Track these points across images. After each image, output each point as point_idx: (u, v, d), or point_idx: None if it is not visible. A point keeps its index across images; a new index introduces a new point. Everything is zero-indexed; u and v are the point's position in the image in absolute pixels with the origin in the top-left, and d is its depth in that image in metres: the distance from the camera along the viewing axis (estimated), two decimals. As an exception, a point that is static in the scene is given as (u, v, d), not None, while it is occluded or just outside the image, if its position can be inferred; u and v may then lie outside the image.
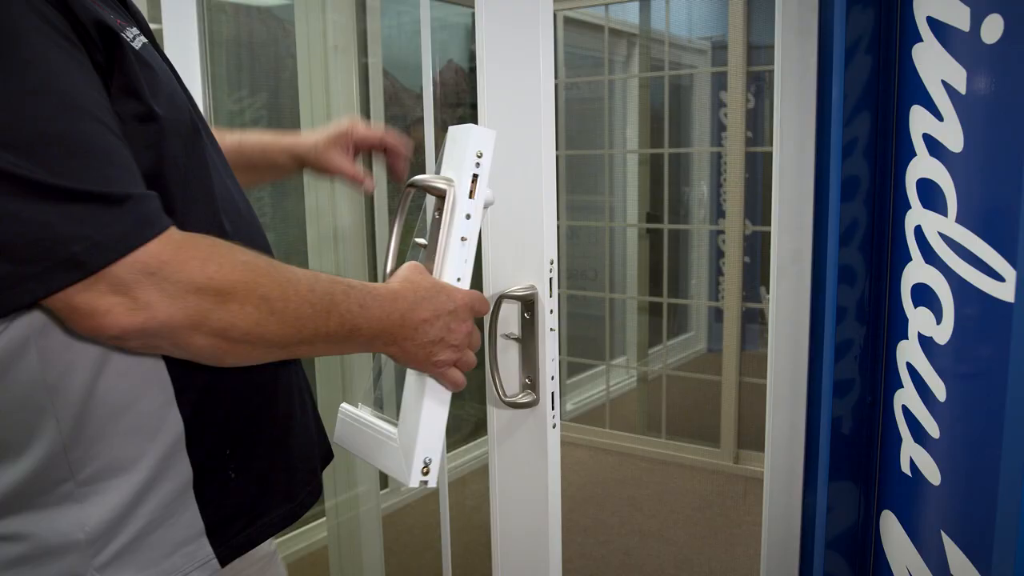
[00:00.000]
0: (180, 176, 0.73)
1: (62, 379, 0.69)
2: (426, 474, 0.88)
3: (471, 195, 0.90)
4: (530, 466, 1.11)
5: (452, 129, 0.95)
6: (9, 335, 0.67)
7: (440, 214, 0.92)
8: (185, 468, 0.76)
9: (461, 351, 0.86)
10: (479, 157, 0.91)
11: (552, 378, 1.08)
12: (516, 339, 1.09)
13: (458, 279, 0.90)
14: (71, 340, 0.69)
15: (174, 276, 0.63)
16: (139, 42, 0.73)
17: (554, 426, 1.09)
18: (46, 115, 0.60)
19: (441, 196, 0.91)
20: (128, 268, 0.62)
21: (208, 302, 0.65)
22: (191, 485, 0.77)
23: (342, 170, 1.12)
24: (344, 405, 1.03)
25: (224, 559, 0.80)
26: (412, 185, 0.94)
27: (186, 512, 0.77)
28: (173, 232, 0.65)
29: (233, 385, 0.79)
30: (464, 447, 3.10)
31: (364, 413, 0.99)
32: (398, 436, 0.91)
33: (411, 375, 0.91)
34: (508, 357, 1.10)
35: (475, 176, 0.90)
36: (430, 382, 0.88)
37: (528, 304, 1.07)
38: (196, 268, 0.64)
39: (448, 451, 1.37)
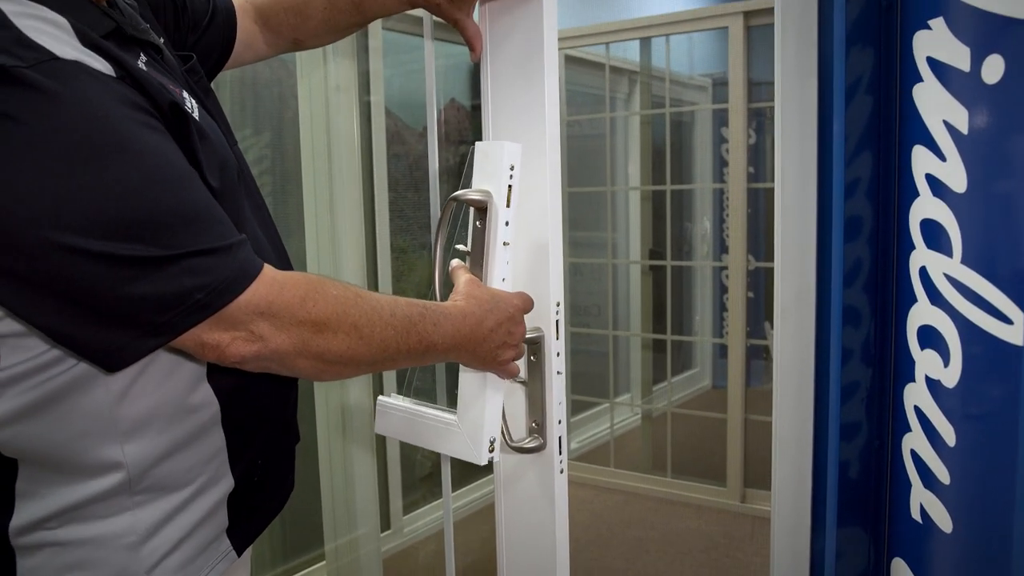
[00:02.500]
0: None
1: (126, 408, 0.77)
2: (491, 451, 1.01)
3: (508, 204, 1.00)
4: (537, 512, 1.09)
5: (481, 145, 1.04)
6: (83, 366, 0.74)
7: (481, 223, 1.02)
8: (228, 481, 0.87)
9: (518, 348, 0.98)
10: (512, 169, 1.00)
11: (559, 422, 1.06)
12: (522, 382, 1.07)
13: (503, 279, 1.01)
14: (134, 374, 0.77)
15: (281, 313, 0.76)
16: (196, 111, 0.84)
17: (562, 471, 1.07)
18: (160, 196, 0.71)
19: (482, 208, 1.01)
20: (243, 310, 0.73)
21: (308, 332, 0.77)
22: (229, 494, 0.87)
23: (465, 29, 1.07)
24: (382, 398, 1.11)
25: (240, 549, 0.90)
26: (453, 199, 1.03)
27: (219, 514, 0.87)
28: (274, 274, 0.77)
29: (265, 402, 0.91)
30: (464, 488, 3.06)
31: (411, 404, 1.08)
32: (459, 422, 1.02)
33: (467, 369, 1.01)
34: (514, 401, 1.08)
35: (510, 187, 1.00)
36: (490, 374, 0.99)
37: (534, 347, 1.06)
38: (298, 304, 0.77)
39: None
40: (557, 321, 1.06)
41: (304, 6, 1.12)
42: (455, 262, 1.06)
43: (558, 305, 1.06)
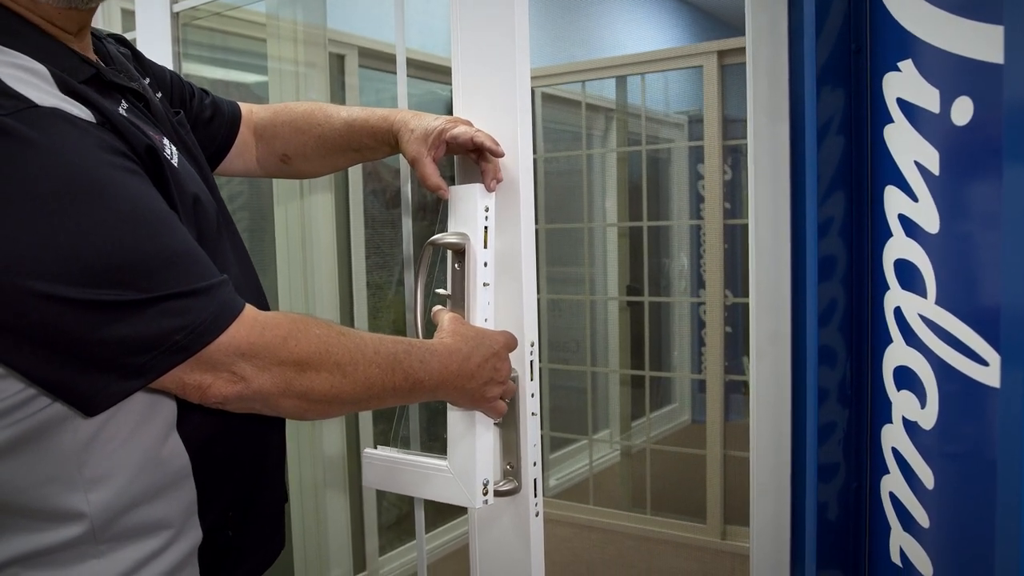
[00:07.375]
0: None
1: (92, 455, 0.77)
2: (486, 494, 1.00)
3: (485, 245, 1.01)
4: (513, 556, 1.07)
5: (455, 188, 1.04)
6: (55, 408, 0.74)
7: (460, 266, 1.02)
8: (196, 533, 0.86)
9: (505, 385, 0.99)
10: (487, 211, 1.01)
11: (534, 464, 1.05)
12: (496, 424, 1.06)
13: (485, 319, 1.02)
14: (101, 421, 0.76)
15: (262, 353, 0.76)
16: (176, 157, 0.85)
17: (537, 514, 1.06)
18: (137, 239, 0.71)
19: (460, 251, 1.02)
20: (224, 351, 0.74)
21: (291, 372, 0.77)
22: (198, 546, 0.86)
23: (426, 180, 1.07)
24: (368, 450, 1.10)
25: None
26: (431, 243, 1.04)
27: (189, 567, 0.86)
28: (256, 314, 0.77)
29: (238, 453, 0.90)
30: (440, 528, 3.01)
31: (398, 453, 1.08)
32: (450, 467, 1.01)
33: (454, 412, 1.01)
34: None
35: (486, 228, 1.01)
36: (478, 414, 0.99)
37: None
38: (279, 345, 0.77)
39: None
40: (531, 361, 1.05)
41: (301, 120, 1.16)
42: (437, 307, 1.06)
43: (532, 345, 1.05)
